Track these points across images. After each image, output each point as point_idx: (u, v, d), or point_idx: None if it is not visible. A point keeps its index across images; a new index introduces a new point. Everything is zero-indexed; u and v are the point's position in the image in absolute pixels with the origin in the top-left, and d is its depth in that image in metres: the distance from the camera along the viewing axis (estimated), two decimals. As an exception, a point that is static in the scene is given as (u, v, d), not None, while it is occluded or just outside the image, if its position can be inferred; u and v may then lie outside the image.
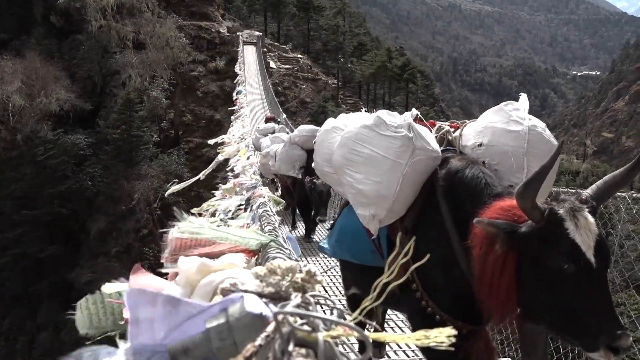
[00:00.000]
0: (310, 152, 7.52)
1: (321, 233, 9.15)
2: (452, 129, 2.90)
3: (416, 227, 2.50)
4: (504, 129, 2.54)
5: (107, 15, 31.89)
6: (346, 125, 2.95)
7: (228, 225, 2.67)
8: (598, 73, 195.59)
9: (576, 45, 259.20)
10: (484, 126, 2.65)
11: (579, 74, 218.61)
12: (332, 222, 4.29)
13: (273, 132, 11.54)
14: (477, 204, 2.13)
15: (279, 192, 11.29)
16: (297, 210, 9.58)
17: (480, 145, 2.59)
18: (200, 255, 1.17)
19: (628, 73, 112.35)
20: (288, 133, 11.23)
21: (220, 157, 8.77)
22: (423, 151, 2.49)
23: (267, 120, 14.37)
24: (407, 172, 2.45)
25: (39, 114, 27.68)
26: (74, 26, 33.41)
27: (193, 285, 0.93)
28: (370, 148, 2.55)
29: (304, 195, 8.21)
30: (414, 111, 2.88)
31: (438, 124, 2.97)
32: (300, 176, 8.31)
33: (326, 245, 3.31)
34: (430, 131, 2.82)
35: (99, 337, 1.19)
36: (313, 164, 3.33)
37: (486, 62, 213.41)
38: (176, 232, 1.50)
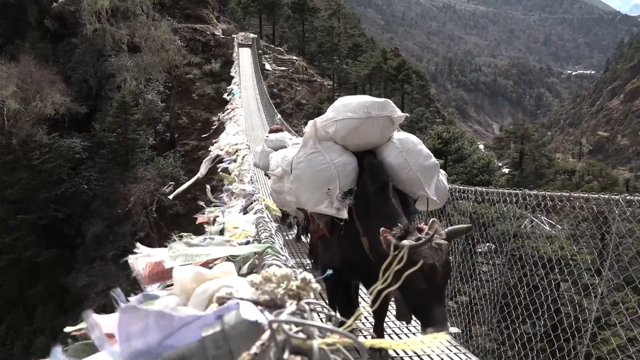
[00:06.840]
0: (365, 157, 3.57)
1: None
2: None
3: None
4: None
5: (102, 19, 31.87)
6: None
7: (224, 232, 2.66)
8: (593, 72, 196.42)
9: (570, 45, 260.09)
10: None
11: (573, 73, 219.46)
12: None
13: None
14: None
15: (298, 234, 7.80)
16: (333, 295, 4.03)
17: None
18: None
19: (622, 72, 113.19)
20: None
21: (213, 153, 8.52)
22: None
23: (272, 131, 9.46)
24: None
25: (34, 117, 27.61)
26: (68, 30, 33.36)
27: (188, 294, 0.93)
28: None
29: (357, 256, 3.39)
30: None
31: None
32: (344, 215, 3.40)
33: None
34: None
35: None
36: None
37: (481, 62, 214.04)
38: (168, 259, 1.49)
